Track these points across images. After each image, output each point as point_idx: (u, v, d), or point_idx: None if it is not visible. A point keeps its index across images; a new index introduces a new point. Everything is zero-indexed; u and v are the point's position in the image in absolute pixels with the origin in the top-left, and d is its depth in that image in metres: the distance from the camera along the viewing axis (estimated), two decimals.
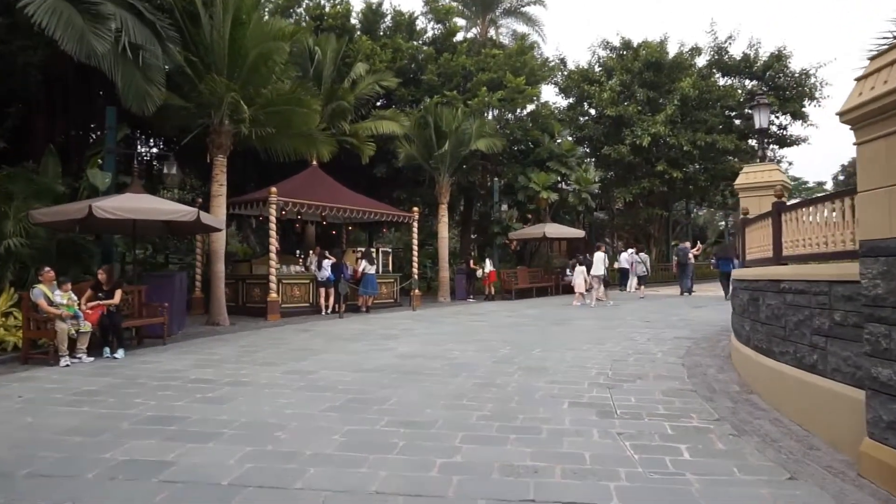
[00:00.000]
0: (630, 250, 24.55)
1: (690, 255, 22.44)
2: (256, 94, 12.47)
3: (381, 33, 21.78)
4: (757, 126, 10.75)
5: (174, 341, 10.13)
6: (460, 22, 26.23)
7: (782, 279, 6.09)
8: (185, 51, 11.68)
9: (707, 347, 9.38)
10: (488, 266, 21.01)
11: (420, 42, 22.68)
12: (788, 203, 7.08)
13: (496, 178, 24.17)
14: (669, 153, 25.62)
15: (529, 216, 26.85)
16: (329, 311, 15.24)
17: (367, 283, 16.14)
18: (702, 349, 9.20)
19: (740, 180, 10.56)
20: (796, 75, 26.37)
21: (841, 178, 52.27)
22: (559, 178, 24.40)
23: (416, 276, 18.04)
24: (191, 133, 13.01)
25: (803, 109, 26.97)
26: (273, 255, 14.01)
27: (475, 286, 21.53)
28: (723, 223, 50.56)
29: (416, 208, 18.79)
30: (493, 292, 20.68)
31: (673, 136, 24.33)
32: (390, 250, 21.18)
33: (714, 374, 7.51)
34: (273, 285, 13.96)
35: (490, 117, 21.68)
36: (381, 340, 10.19)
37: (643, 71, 25.71)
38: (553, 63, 26.48)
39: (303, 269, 16.11)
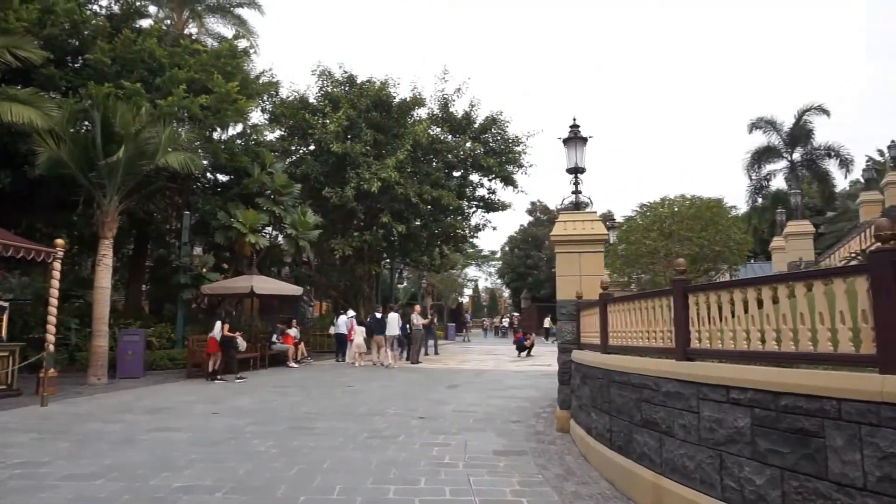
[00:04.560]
0: (350, 313, 22.92)
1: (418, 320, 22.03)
2: None
3: None
4: (570, 165, 10.03)
5: None
6: (151, 8, 21.68)
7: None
8: None
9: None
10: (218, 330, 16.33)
11: (90, 10, 17.61)
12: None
13: (187, 212, 19.93)
14: (394, 204, 25.12)
15: (226, 265, 23.01)
16: None
17: None
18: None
19: (557, 230, 9.62)
20: (509, 141, 28.99)
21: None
22: (270, 220, 21.47)
23: (51, 347, 12.69)
24: None
25: (514, 176, 29.67)
26: None
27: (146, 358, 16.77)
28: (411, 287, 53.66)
29: (60, 241, 13.38)
30: (216, 368, 16.05)
31: (402, 185, 23.89)
32: (6, 305, 14.73)
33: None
34: None
35: (187, 128, 17.71)
36: None
37: (370, 109, 25.00)
38: (270, 79, 23.83)
39: None
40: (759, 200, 36.58)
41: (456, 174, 29.31)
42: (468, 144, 27.50)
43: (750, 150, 34.61)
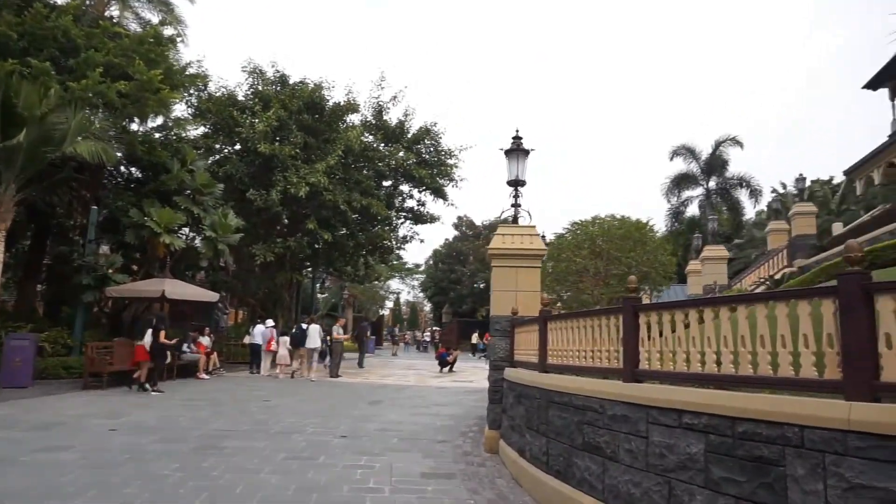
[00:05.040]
0: (269, 322, 21.88)
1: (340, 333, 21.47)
2: None
3: None
4: (511, 177, 9.76)
5: None
6: None
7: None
8: None
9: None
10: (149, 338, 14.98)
11: None
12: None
13: (95, 207, 18.40)
14: (322, 210, 24.30)
15: (136, 267, 21.45)
16: None
17: None
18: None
19: (495, 243, 9.30)
20: (442, 153, 28.79)
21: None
22: (188, 221, 20.19)
23: None
24: None
25: (444, 188, 29.43)
26: None
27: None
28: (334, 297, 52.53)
29: None
30: (142, 377, 14.70)
31: (331, 191, 23.13)
32: None
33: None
34: None
35: (101, 116, 16.36)
36: None
37: (302, 111, 24.16)
38: (198, 72, 22.55)
39: None
40: (676, 225, 38.19)
41: (386, 183, 28.81)
42: (401, 154, 27.04)
43: (670, 175, 36.10)
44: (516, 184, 9.95)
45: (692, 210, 38.06)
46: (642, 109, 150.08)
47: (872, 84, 29.60)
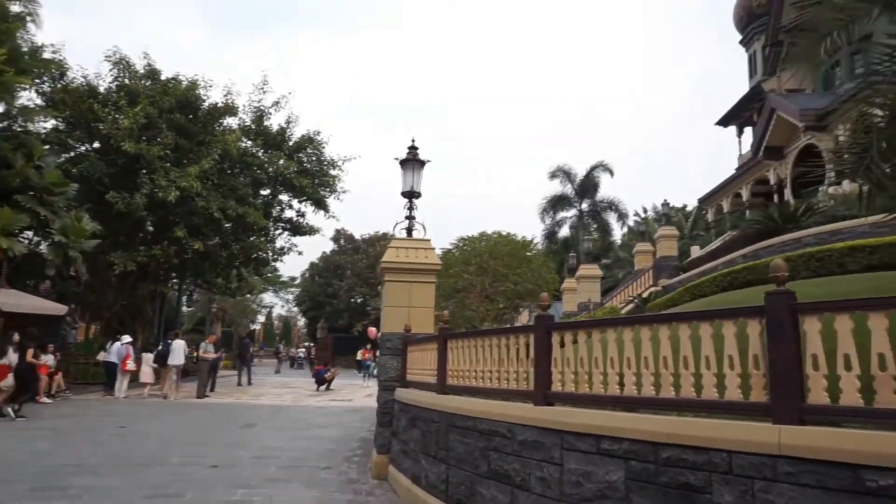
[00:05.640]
0: (126, 338, 19.77)
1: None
2: None
3: None
4: (406, 188, 9.29)
5: None
6: None
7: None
8: None
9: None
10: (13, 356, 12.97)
11: None
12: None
13: None
14: (193, 217, 22.50)
15: None
16: None
17: None
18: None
19: (389, 257, 8.77)
20: (325, 163, 27.87)
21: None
22: (32, 223, 17.81)
23: None
24: None
25: (326, 199, 28.44)
26: None
27: None
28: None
29: None
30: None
31: (204, 197, 21.47)
32: None
33: None
34: None
35: None
36: None
37: (174, 110, 22.31)
38: (54, 58, 20.08)
39: None
40: (550, 244, 39.70)
41: (265, 192, 27.41)
42: (281, 161, 25.82)
43: (547, 196, 37.53)
44: (411, 195, 9.57)
45: (565, 230, 39.80)
46: (527, 130, 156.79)
47: (723, 121, 32.85)
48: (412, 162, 9.54)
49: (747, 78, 32.02)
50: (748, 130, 30.82)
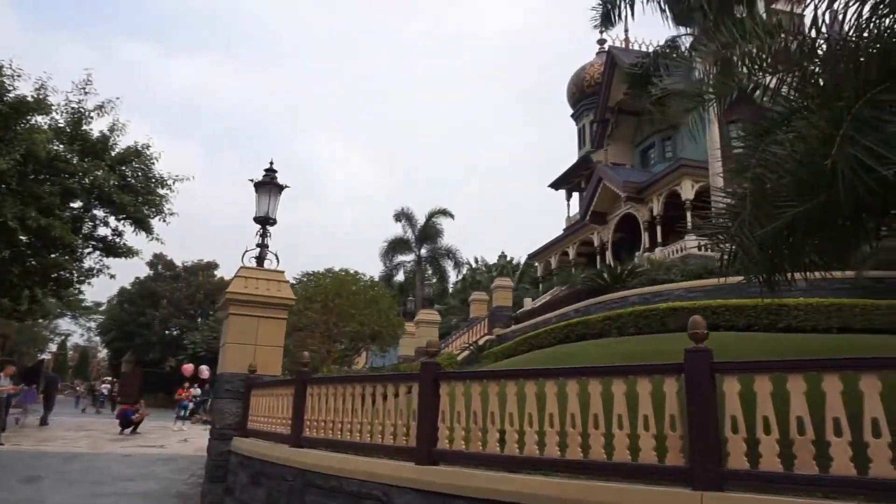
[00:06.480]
0: None
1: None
2: None
3: None
4: (260, 213, 8.29)
5: None
6: None
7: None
8: None
9: None
10: None
11: None
12: None
13: None
14: None
15: None
16: None
17: None
18: None
19: (236, 287, 7.68)
20: (152, 180, 25.29)
21: None
22: None
23: None
24: None
25: (150, 220, 25.74)
26: None
27: None
28: None
29: None
30: None
31: None
32: None
33: None
34: None
35: None
36: None
37: None
38: None
39: None
40: (388, 287, 39.51)
41: (75, 204, 24.01)
42: (100, 172, 22.85)
43: (388, 238, 37.45)
44: (265, 221, 8.68)
45: (401, 275, 39.88)
46: (375, 175, 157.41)
47: (555, 185, 35.48)
48: (269, 185, 8.70)
49: (577, 148, 34.98)
50: (576, 195, 33.52)
